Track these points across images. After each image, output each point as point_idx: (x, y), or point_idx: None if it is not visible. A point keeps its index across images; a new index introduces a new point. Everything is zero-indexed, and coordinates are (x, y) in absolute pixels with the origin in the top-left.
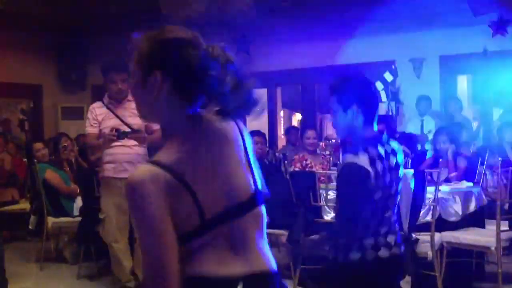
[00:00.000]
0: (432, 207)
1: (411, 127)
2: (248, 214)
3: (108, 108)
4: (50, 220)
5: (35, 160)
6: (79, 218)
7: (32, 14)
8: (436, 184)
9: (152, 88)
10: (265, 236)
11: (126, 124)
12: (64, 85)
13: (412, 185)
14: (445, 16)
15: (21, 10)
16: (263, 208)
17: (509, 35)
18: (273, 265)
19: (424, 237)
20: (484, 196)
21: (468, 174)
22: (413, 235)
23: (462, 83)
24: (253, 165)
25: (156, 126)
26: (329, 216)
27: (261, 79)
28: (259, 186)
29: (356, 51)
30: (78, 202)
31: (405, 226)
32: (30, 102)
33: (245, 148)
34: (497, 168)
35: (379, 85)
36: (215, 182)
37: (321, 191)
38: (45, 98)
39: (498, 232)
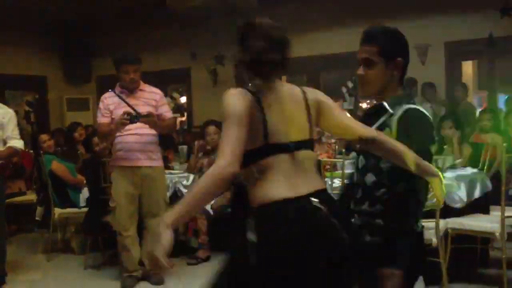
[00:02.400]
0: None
1: None
2: (304, 151)
3: (119, 97)
4: (57, 211)
5: (41, 152)
6: (86, 209)
7: (38, 7)
8: (441, 171)
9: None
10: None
11: (137, 112)
12: (69, 77)
13: None
14: (450, 1)
15: (27, 4)
16: (312, 151)
17: None
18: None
19: (429, 224)
20: (489, 182)
21: (473, 160)
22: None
23: (468, 69)
24: (312, 120)
25: (168, 115)
26: None
27: None
28: (312, 135)
29: (360, 38)
30: (85, 193)
31: None
32: (35, 94)
33: (307, 107)
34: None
35: None
36: (282, 120)
37: (326, 179)
38: (50, 90)
39: (503, 218)
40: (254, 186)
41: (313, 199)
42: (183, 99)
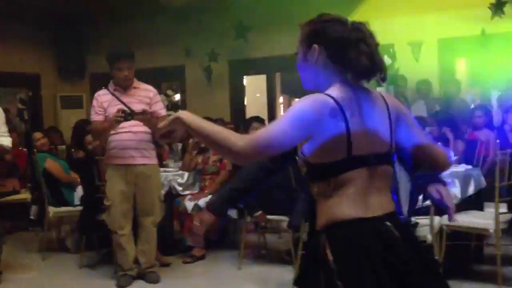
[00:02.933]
0: None
1: (416, 110)
2: (383, 166)
3: (113, 95)
4: (51, 210)
5: (35, 150)
6: (80, 208)
7: (31, 4)
8: None
9: (311, 58)
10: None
11: (131, 110)
12: (62, 74)
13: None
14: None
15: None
16: (392, 167)
17: (506, 16)
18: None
19: (423, 220)
20: (483, 179)
21: (467, 157)
22: (413, 219)
23: (461, 66)
24: (392, 131)
25: (162, 112)
26: None
27: (260, 65)
28: (393, 148)
29: None
30: (79, 191)
31: (405, 210)
32: (28, 92)
33: (389, 115)
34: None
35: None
36: (365, 130)
37: None
38: (44, 88)
39: (497, 214)
40: (326, 202)
41: (387, 222)
42: (178, 97)
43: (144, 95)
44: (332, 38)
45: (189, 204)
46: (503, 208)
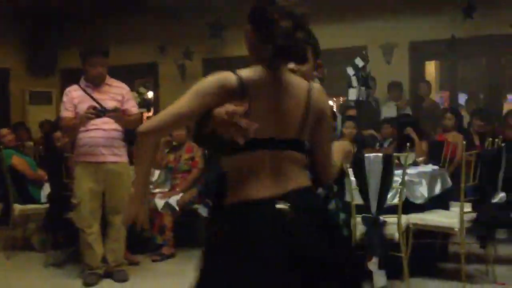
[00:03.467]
0: (399, 190)
1: (387, 112)
2: (287, 151)
3: (85, 91)
4: (17, 207)
5: (1, 146)
6: (47, 205)
7: None
8: (404, 167)
9: (246, 39)
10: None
11: (103, 107)
12: (32, 69)
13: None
14: (415, 2)
15: None
16: (300, 154)
17: (475, 21)
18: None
19: (391, 219)
20: (449, 179)
21: (434, 158)
22: (381, 218)
23: (430, 69)
24: (305, 123)
25: (134, 110)
26: None
27: (235, 64)
28: (304, 140)
29: (328, 36)
30: (46, 189)
31: (373, 209)
32: None
33: (306, 108)
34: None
35: (350, 71)
36: (271, 114)
37: None
38: (12, 83)
39: (462, 213)
40: (230, 178)
41: (279, 205)
42: (150, 94)
43: (116, 92)
44: (258, 19)
45: (159, 202)
46: (468, 207)
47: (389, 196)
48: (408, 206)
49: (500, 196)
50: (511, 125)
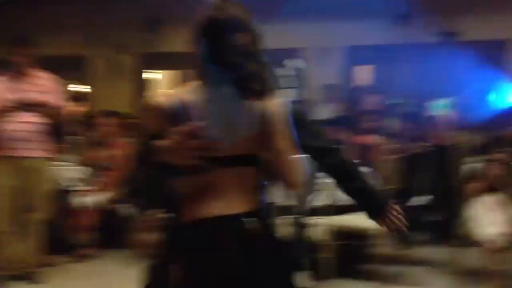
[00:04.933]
0: (326, 191)
1: (320, 114)
2: (240, 168)
3: (10, 82)
4: None
5: None
6: None
7: None
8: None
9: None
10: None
11: (27, 99)
12: None
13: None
14: (353, 7)
15: None
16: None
17: (411, 28)
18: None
19: (316, 221)
20: (375, 181)
21: (363, 160)
22: (306, 219)
23: (366, 73)
24: (259, 134)
25: (60, 103)
26: None
27: (170, 60)
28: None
29: (267, 37)
30: None
31: (299, 210)
32: None
33: (262, 120)
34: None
35: (286, 71)
36: (213, 133)
37: None
38: None
39: None
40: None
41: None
42: (79, 88)
43: (40, 83)
44: (208, 32)
45: (81, 201)
46: None
47: (314, 198)
48: (334, 208)
49: (421, 198)
50: (436, 130)
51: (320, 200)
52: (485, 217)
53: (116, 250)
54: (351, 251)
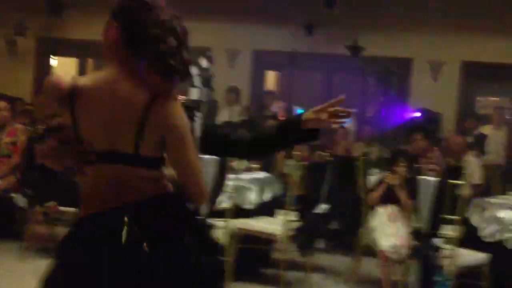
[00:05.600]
0: (230, 194)
1: (221, 116)
2: (115, 166)
3: None
4: None
5: None
6: None
7: None
8: (236, 172)
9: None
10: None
11: None
12: None
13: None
14: (262, 13)
15: None
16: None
17: (315, 38)
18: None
19: (219, 223)
20: (279, 187)
21: (267, 165)
22: (209, 221)
23: (271, 79)
24: (146, 134)
25: None
26: None
27: (73, 47)
28: (148, 155)
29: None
30: None
31: (204, 211)
32: None
33: (141, 119)
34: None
35: (194, 70)
36: (102, 125)
37: None
38: None
39: (286, 221)
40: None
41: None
42: None
43: None
44: (128, 19)
45: None
46: (293, 216)
47: (219, 199)
48: (237, 211)
49: (323, 207)
50: (338, 141)
51: (223, 202)
52: (384, 228)
53: (9, 241)
54: (251, 255)
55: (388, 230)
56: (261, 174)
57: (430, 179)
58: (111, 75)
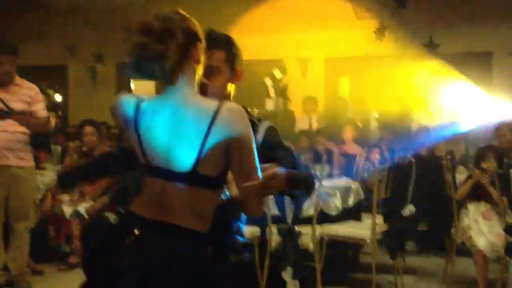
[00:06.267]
0: (314, 201)
1: (300, 124)
2: (176, 184)
3: None
4: None
5: None
6: None
7: None
8: (319, 179)
9: None
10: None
11: (8, 107)
12: None
13: None
14: (331, 19)
15: None
16: (194, 187)
17: (386, 41)
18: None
19: (306, 229)
20: (361, 191)
21: (348, 170)
22: (296, 228)
23: (345, 84)
24: (207, 148)
25: (42, 113)
26: None
27: None
28: (200, 168)
29: (246, 48)
30: None
31: (289, 219)
32: None
33: (208, 131)
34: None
35: (268, 82)
36: (156, 145)
37: None
38: None
39: (373, 225)
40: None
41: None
42: (59, 97)
43: (25, 93)
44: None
45: (67, 210)
46: (379, 219)
47: (304, 207)
48: (323, 217)
49: (409, 208)
50: (424, 141)
51: (311, 208)
52: (478, 226)
53: None
54: (338, 260)
55: (483, 228)
56: (343, 179)
57: None
58: (163, 93)
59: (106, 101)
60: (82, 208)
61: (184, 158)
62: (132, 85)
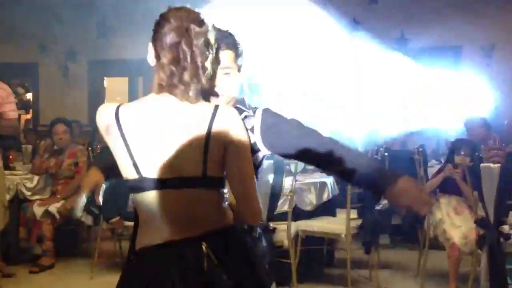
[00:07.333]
0: (289, 197)
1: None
2: (194, 190)
3: None
4: None
5: None
6: None
7: None
8: (294, 175)
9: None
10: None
11: None
12: None
13: (270, 176)
14: None
15: None
16: (216, 192)
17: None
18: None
19: (280, 226)
20: (336, 186)
21: None
22: (271, 225)
23: None
24: (211, 152)
25: (11, 114)
26: None
27: (122, 67)
28: (209, 173)
29: None
30: None
31: (264, 216)
32: None
33: (207, 139)
34: None
35: None
36: (153, 151)
37: None
38: None
39: (348, 220)
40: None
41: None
42: (29, 96)
43: None
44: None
45: (38, 210)
46: (353, 214)
47: (279, 203)
48: (297, 213)
49: (383, 202)
50: None
51: (285, 205)
52: (452, 220)
53: (75, 260)
54: (315, 256)
55: (456, 221)
56: (318, 175)
57: (493, 166)
58: (151, 98)
59: (79, 99)
60: (53, 208)
61: (191, 164)
62: (105, 82)
